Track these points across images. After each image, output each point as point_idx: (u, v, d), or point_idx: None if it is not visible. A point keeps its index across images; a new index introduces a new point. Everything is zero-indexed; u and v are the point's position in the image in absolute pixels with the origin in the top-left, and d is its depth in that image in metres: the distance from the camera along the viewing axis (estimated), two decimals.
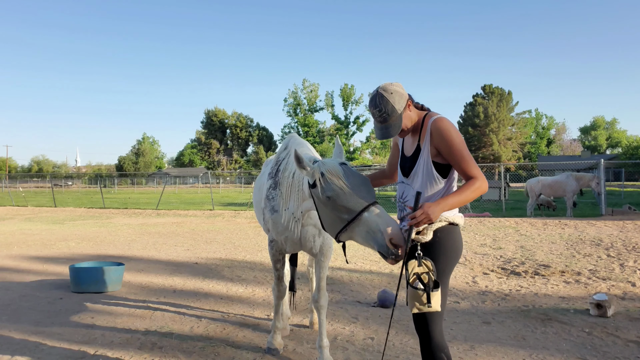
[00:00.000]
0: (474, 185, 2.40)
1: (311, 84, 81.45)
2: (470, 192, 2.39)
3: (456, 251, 2.56)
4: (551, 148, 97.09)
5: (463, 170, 2.45)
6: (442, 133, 2.48)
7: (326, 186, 2.58)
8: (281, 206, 3.48)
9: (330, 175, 2.60)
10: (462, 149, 2.46)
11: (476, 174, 2.42)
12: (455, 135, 2.48)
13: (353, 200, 2.49)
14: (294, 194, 3.26)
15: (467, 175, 2.45)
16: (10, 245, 10.33)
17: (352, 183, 2.56)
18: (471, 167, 2.44)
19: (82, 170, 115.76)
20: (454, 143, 2.46)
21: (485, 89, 75.33)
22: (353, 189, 2.53)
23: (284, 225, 3.52)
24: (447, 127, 2.50)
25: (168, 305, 5.45)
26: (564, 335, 4.33)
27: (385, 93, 2.53)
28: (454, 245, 2.54)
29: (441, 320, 2.51)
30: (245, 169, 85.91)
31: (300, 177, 3.17)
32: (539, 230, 11.84)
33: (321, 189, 2.62)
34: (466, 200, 2.40)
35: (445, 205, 2.35)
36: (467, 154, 2.48)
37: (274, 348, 3.96)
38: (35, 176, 75.16)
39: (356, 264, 7.79)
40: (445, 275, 2.52)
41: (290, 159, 3.44)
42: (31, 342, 4.25)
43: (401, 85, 2.61)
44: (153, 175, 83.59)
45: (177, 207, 23.24)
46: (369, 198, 2.51)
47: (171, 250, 9.55)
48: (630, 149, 75.63)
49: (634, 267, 7.14)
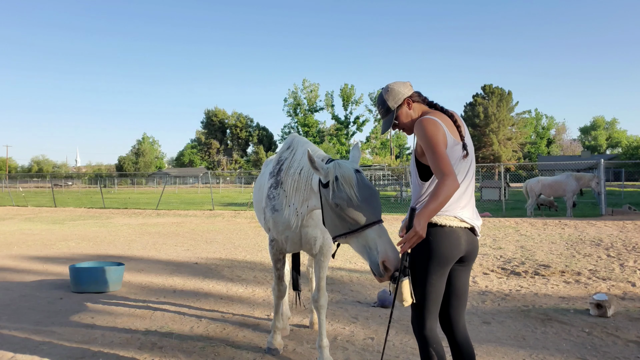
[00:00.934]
0: (445, 184, 2.35)
1: (311, 84, 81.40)
2: (444, 191, 2.34)
3: (437, 251, 2.50)
4: (551, 148, 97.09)
5: (435, 166, 2.42)
6: (420, 129, 2.52)
7: (337, 191, 2.63)
8: (284, 204, 3.49)
9: (343, 181, 2.65)
10: (437, 145, 2.44)
11: (447, 171, 2.38)
12: (433, 130, 2.48)
13: (359, 213, 2.55)
14: (300, 191, 3.26)
15: (438, 172, 2.41)
16: (10, 245, 10.34)
17: (362, 195, 2.60)
18: (443, 164, 2.39)
19: (82, 170, 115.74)
20: (429, 138, 2.46)
21: (485, 89, 75.31)
22: (362, 201, 2.58)
23: (285, 224, 3.52)
24: (425, 122, 2.52)
25: (168, 305, 5.45)
26: (564, 335, 4.33)
27: (384, 91, 2.70)
28: (434, 244, 2.49)
29: (432, 316, 2.55)
30: (245, 169, 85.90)
31: (308, 175, 3.17)
32: (539, 230, 11.84)
33: (332, 193, 2.66)
34: (445, 200, 2.36)
35: (429, 214, 2.35)
36: (439, 150, 2.43)
37: (274, 348, 3.96)
38: (35, 176, 75.16)
39: (356, 264, 7.79)
40: (427, 274, 2.51)
41: (297, 157, 3.44)
42: (31, 342, 4.25)
43: (408, 84, 2.70)
44: (153, 175, 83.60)
45: (177, 207, 23.24)
46: (376, 215, 2.57)
47: (171, 250, 9.55)
48: (630, 149, 75.63)
49: (634, 267, 7.14)
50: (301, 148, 3.49)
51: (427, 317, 2.55)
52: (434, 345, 2.54)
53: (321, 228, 3.63)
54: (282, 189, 3.51)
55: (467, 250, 2.60)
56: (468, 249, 2.60)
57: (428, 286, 2.53)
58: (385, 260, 2.44)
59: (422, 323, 2.56)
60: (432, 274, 2.54)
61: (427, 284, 2.53)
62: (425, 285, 2.53)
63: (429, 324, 2.56)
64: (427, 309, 2.55)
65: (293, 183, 3.35)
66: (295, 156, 3.50)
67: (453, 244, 2.53)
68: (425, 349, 2.55)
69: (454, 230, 2.54)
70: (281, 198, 3.54)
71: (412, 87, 2.72)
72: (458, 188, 2.40)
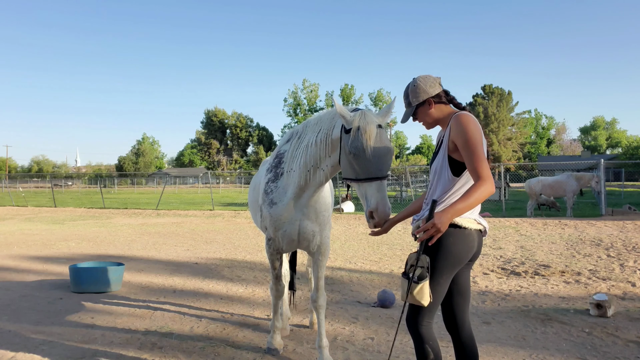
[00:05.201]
0: (481, 187, 2.35)
1: (311, 84, 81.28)
2: (478, 194, 2.34)
3: (454, 253, 2.51)
4: (551, 148, 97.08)
5: (473, 167, 2.40)
6: (460, 125, 2.48)
7: (355, 140, 2.79)
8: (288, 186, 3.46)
9: (363, 132, 2.79)
10: (477, 145, 2.43)
11: (485, 175, 2.37)
12: (473, 129, 2.46)
13: (367, 167, 2.76)
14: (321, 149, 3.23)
15: (476, 174, 2.39)
16: (10, 245, 10.33)
17: (376, 151, 2.77)
18: (482, 166, 2.39)
19: (82, 170, 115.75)
20: (469, 136, 2.44)
21: (485, 89, 75.32)
22: (374, 156, 2.76)
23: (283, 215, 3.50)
24: (466, 120, 2.50)
25: (168, 305, 5.45)
26: (564, 335, 4.33)
27: (411, 84, 2.71)
28: (452, 246, 2.50)
29: (430, 314, 2.56)
30: (245, 169, 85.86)
31: (327, 132, 3.17)
32: (539, 230, 11.84)
33: (351, 140, 2.81)
34: (474, 204, 2.36)
35: (454, 212, 2.33)
36: (481, 152, 2.43)
37: (273, 348, 3.96)
38: (35, 176, 75.13)
39: (356, 264, 7.79)
40: (439, 274, 2.51)
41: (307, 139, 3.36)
42: (31, 342, 4.25)
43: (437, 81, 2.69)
44: (153, 175, 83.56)
45: (177, 207, 23.23)
46: (381, 172, 2.77)
47: (171, 250, 9.55)
48: (630, 149, 75.65)
49: (634, 267, 7.14)
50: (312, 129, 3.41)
51: (425, 315, 2.56)
52: (430, 342, 2.54)
53: (319, 223, 3.62)
54: (287, 173, 3.48)
55: (476, 251, 2.63)
56: (477, 250, 2.63)
57: (436, 286, 2.53)
58: (374, 211, 2.69)
59: (420, 320, 2.56)
60: (444, 274, 2.54)
61: (436, 284, 2.52)
62: (433, 284, 2.53)
63: (425, 321, 2.56)
64: (428, 307, 2.54)
65: (308, 146, 3.31)
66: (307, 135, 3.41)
67: (469, 246, 2.55)
68: (421, 346, 2.55)
69: (471, 233, 2.56)
70: (279, 190, 3.52)
71: (440, 86, 2.69)
72: (493, 194, 2.44)
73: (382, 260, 8.11)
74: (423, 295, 2.44)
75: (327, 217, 3.69)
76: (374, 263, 7.88)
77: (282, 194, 3.51)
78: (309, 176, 3.34)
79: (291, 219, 3.54)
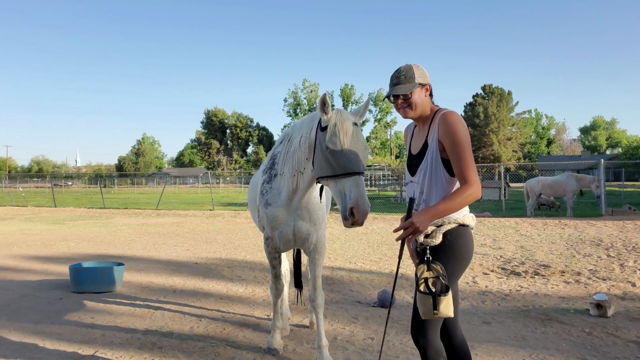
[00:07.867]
0: (466, 192, 2.32)
1: (311, 84, 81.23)
2: (462, 198, 2.31)
3: (467, 254, 2.47)
4: (551, 148, 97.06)
5: (461, 170, 2.37)
6: (448, 126, 2.41)
7: (332, 136, 2.80)
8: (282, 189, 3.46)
9: (340, 128, 2.80)
10: (465, 148, 2.38)
11: (472, 180, 2.34)
12: (462, 131, 2.39)
13: (345, 161, 2.74)
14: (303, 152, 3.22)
15: (463, 178, 2.36)
16: (10, 245, 10.33)
17: (353, 145, 2.79)
18: (469, 170, 2.35)
19: (82, 170, 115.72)
20: (458, 138, 2.38)
21: (485, 89, 75.23)
22: (350, 152, 2.77)
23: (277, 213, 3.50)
24: (454, 120, 2.42)
25: (168, 305, 5.45)
26: (564, 335, 4.33)
27: (413, 65, 2.59)
28: (464, 247, 2.46)
29: (437, 324, 2.45)
30: (245, 169, 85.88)
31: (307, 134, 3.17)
32: (539, 230, 11.84)
33: (329, 136, 2.81)
34: (457, 208, 2.33)
35: (435, 213, 2.30)
36: (470, 155, 2.39)
37: (273, 348, 3.96)
38: (35, 176, 75.12)
39: (356, 264, 7.78)
40: (454, 279, 2.46)
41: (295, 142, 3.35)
42: (31, 342, 4.25)
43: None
44: (153, 175, 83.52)
45: (177, 207, 23.23)
46: (358, 167, 2.75)
47: (171, 250, 9.55)
48: (630, 149, 75.67)
49: (634, 267, 7.14)
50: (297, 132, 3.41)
51: (431, 326, 2.43)
52: (443, 354, 2.46)
53: (313, 223, 3.62)
54: (280, 176, 3.48)
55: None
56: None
57: (456, 292, 2.49)
58: (354, 207, 2.62)
59: (426, 332, 2.42)
60: (457, 278, 2.48)
61: (456, 290, 2.50)
62: (456, 290, 2.50)
63: (431, 331, 2.44)
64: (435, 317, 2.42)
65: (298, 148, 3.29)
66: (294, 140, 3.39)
67: (473, 244, 2.56)
68: (426, 356, 2.44)
69: (471, 231, 2.57)
70: (274, 192, 3.52)
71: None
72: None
73: (382, 260, 8.11)
74: (449, 306, 2.31)
75: (321, 215, 3.69)
76: (374, 263, 7.88)
77: (277, 196, 3.52)
78: (297, 180, 3.33)
79: (286, 221, 3.56)
